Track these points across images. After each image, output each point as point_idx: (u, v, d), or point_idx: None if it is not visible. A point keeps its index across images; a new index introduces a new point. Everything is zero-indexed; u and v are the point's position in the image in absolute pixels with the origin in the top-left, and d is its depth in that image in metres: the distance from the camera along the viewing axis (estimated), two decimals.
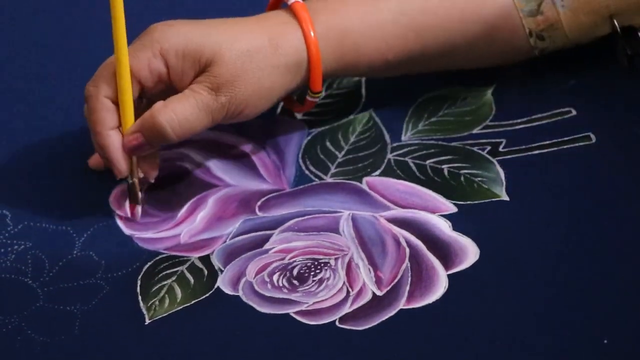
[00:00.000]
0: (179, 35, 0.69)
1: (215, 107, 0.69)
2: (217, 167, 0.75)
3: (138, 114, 0.71)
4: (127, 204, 0.71)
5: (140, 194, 0.71)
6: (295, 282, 0.67)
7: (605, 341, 0.61)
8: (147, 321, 0.66)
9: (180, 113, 0.69)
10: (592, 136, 0.72)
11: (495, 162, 0.72)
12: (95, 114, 0.69)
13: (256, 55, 0.69)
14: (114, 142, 0.69)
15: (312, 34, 0.70)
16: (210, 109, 0.69)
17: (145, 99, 0.72)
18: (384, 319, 0.64)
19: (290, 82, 0.70)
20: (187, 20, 0.71)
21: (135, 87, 0.70)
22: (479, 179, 0.71)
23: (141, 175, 0.71)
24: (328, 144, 0.75)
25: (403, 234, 0.69)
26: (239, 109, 0.70)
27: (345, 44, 0.71)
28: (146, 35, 0.70)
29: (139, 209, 0.71)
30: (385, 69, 0.72)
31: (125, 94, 0.69)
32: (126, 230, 0.71)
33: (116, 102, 0.70)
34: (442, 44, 0.71)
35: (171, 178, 0.74)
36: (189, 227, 0.71)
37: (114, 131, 0.70)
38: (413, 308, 0.65)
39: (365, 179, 0.72)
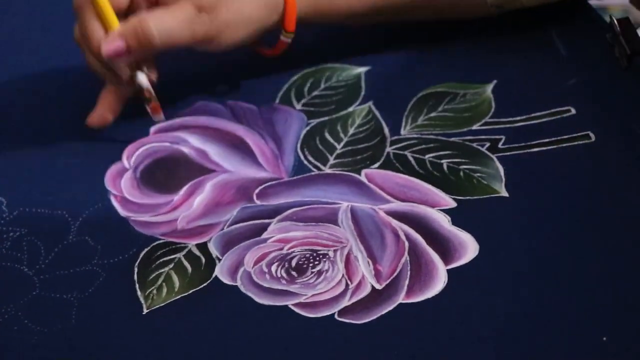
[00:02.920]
0: None
1: (197, 22, 0.73)
2: (214, 153, 0.74)
3: None
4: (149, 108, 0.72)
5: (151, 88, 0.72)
6: (293, 273, 0.67)
7: (605, 339, 0.62)
8: (145, 311, 0.65)
9: (166, 21, 0.72)
10: (592, 135, 0.72)
11: (495, 159, 0.72)
12: (88, 23, 0.72)
13: None
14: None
15: None
16: (192, 23, 0.73)
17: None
18: (383, 313, 0.64)
19: (267, 17, 0.74)
20: None
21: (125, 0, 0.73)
22: (478, 174, 0.72)
23: (145, 77, 0.72)
24: (327, 135, 0.75)
25: (402, 227, 0.69)
26: (218, 31, 0.73)
27: None
28: None
29: (158, 105, 0.72)
30: (353, 17, 0.76)
31: (104, 2, 0.71)
32: (122, 212, 0.70)
33: None
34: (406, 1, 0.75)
35: (167, 160, 0.73)
36: (186, 212, 0.71)
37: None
38: (412, 302, 0.65)
39: (364, 171, 0.72)
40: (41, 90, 0.78)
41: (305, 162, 0.73)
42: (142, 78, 0.73)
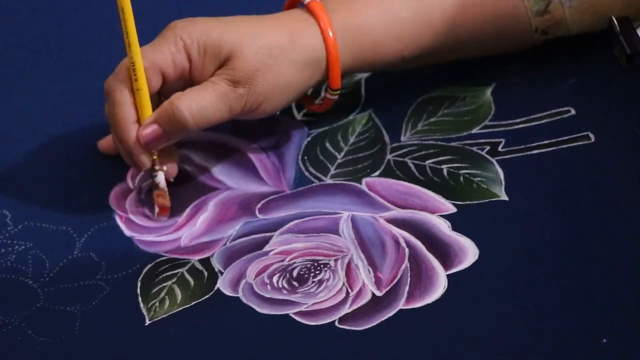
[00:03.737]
0: (200, 31, 0.71)
1: (233, 97, 0.70)
2: (217, 170, 0.75)
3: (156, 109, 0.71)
4: (156, 207, 0.71)
5: (166, 189, 0.71)
6: (295, 283, 0.67)
7: (605, 340, 0.62)
8: (147, 322, 0.66)
9: (199, 101, 0.70)
10: (591, 136, 0.72)
11: (495, 162, 0.72)
12: (118, 107, 0.70)
13: (275, 50, 0.70)
14: (135, 135, 0.70)
15: (329, 32, 0.71)
16: (228, 99, 0.70)
17: (163, 97, 0.72)
18: (383, 319, 0.64)
19: (309, 78, 0.71)
20: (206, 17, 0.72)
21: (157, 81, 0.71)
22: (478, 178, 0.72)
23: (163, 176, 0.71)
24: (327, 145, 0.75)
25: (402, 234, 0.69)
26: (257, 102, 0.71)
27: (362, 42, 0.72)
28: (168, 30, 0.71)
29: (157, 209, 0.71)
30: (401, 63, 0.74)
31: (142, 86, 0.70)
32: (127, 232, 0.71)
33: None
34: (456, 41, 0.73)
35: (171, 181, 0.74)
36: (190, 230, 0.71)
37: (136, 125, 0.71)
38: (412, 308, 0.65)
39: (364, 180, 0.72)
40: (49, 107, 0.79)
41: (307, 173, 0.74)
42: (161, 178, 0.71)
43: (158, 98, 0.72)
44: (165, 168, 0.72)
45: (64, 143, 0.77)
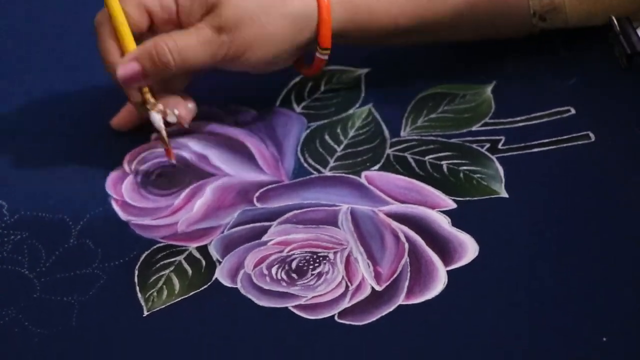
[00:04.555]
0: None
1: (215, 43, 0.70)
2: (215, 157, 0.74)
3: None
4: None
5: (166, 134, 0.71)
6: (294, 275, 0.67)
7: (605, 339, 0.62)
8: (145, 313, 0.65)
9: (181, 42, 0.70)
10: (591, 135, 0.72)
11: (495, 159, 0.72)
12: (103, 42, 0.71)
13: (264, 1, 0.70)
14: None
15: None
16: (210, 45, 0.70)
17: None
18: (383, 314, 0.64)
19: (297, 33, 0.71)
20: None
21: (144, 20, 0.71)
22: (478, 175, 0.72)
23: (175, 116, 0.71)
24: (327, 137, 0.75)
25: (402, 229, 0.69)
26: (240, 51, 0.71)
27: (357, 3, 0.71)
28: None
29: (169, 148, 0.70)
30: (395, 34, 0.73)
31: (121, 21, 0.70)
32: (123, 216, 0.71)
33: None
34: (452, 15, 0.72)
35: (168, 165, 0.73)
36: (187, 215, 0.71)
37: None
38: (412, 304, 0.65)
39: (364, 174, 0.72)
40: (43, 95, 0.78)
41: (306, 164, 0.74)
42: (156, 118, 0.71)
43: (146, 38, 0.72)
44: (176, 111, 0.71)
45: (59, 131, 0.76)
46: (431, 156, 0.73)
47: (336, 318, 0.65)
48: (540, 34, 0.76)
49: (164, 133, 0.71)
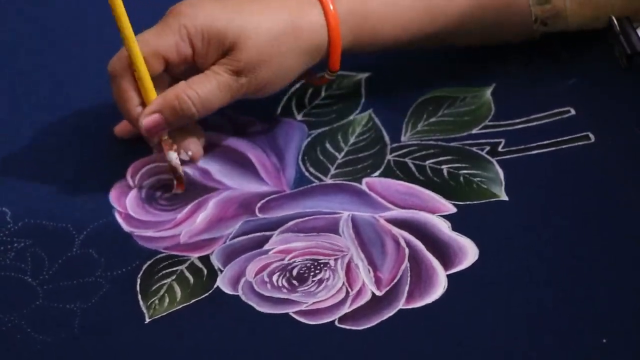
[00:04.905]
0: (205, 19, 0.71)
1: (235, 87, 0.71)
2: (217, 171, 0.75)
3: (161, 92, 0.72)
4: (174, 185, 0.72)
5: (181, 170, 0.72)
6: (294, 282, 0.67)
7: (605, 341, 0.62)
8: (147, 320, 0.66)
9: (201, 91, 0.71)
10: (591, 136, 0.72)
11: (495, 162, 0.72)
12: (122, 93, 0.72)
13: (278, 39, 0.71)
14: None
15: (331, 7, 0.71)
16: (230, 88, 0.71)
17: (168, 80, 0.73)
18: (383, 319, 0.64)
19: (309, 62, 0.72)
20: (209, 0, 0.72)
21: (160, 67, 0.71)
22: (478, 179, 0.72)
23: (188, 156, 0.72)
24: (328, 145, 0.75)
25: (402, 234, 0.69)
26: (258, 88, 0.72)
27: (363, 27, 0.73)
28: (171, 17, 0.72)
29: (182, 183, 0.72)
30: (395, 47, 0.74)
31: (143, 75, 0.71)
32: (126, 227, 0.71)
33: None
34: (456, 27, 0.73)
35: (172, 182, 0.74)
36: (189, 227, 0.71)
37: (140, 107, 0.72)
38: (412, 308, 0.65)
39: (364, 180, 0.72)
40: (48, 105, 0.79)
41: (307, 173, 0.74)
42: (172, 156, 0.72)
43: (165, 78, 0.72)
44: (190, 152, 0.72)
45: (63, 141, 0.77)
46: (431, 161, 0.73)
47: (336, 323, 0.65)
48: (540, 37, 0.76)
49: (180, 171, 0.72)
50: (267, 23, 0.71)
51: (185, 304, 0.67)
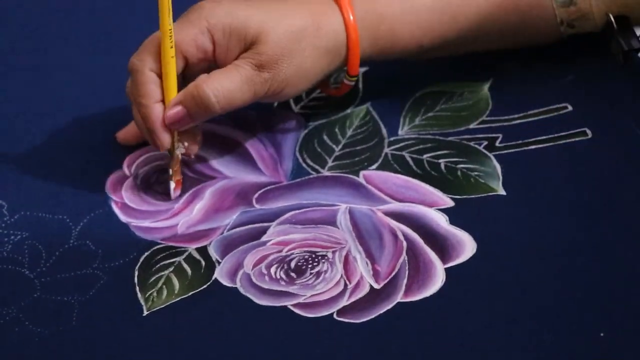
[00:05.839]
0: (226, 13, 0.71)
1: (258, 81, 0.70)
2: (214, 160, 0.75)
3: (180, 90, 0.71)
4: (171, 184, 0.71)
5: (180, 169, 0.72)
6: (292, 274, 0.67)
7: (602, 335, 0.62)
8: (145, 312, 0.66)
9: (224, 84, 0.70)
10: (588, 131, 0.72)
11: (492, 157, 0.72)
12: (140, 86, 0.70)
13: (299, 35, 0.71)
14: (158, 114, 0.70)
15: (351, 17, 0.71)
16: (253, 83, 0.70)
17: (186, 79, 0.72)
18: (381, 312, 0.65)
19: (329, 64, 0.72)
20: None
21: (180, 62, 0.71)
22: (476, 173, 0.72)
23: (184, 150, 0.72)
24: (325, 137, 0.75)
25: (400, 227, 0.69)
26: (280, 87, 0.71)
27: (381, 29, 0.72)
28: (194, 11, 0.71)
29: (173, 185, 0.71)
30: (418, 53, 0.74)
31: (169, 67, 0.70)
32: (123, 217, 0.71)
33: (161, 76, 0.71)
34: (476, 30, 0.73)
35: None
36: (186, 217, 0.71)
37: (159, 104, 0.71)
38: (410, 301, 0.65)
39: (362, 173, 0.73)
40: (44, 97, 0.79)
41: (304, 165, 0.74)
42: (179, 151, 0.72)
43: (180, 79, 0.72)
44: (185, 144, 0.72)
45: (59, 132, 0.76)
46: (429, 154, 0.73)
47: (335, 316, 0.65)
48: (540, 54, 0.76)
49: (179, 167, 0.72)
50: (288, 19, 0.71)
51: (183, 296, 0.67)
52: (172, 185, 0.72)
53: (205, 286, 0.67)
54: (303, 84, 0.72)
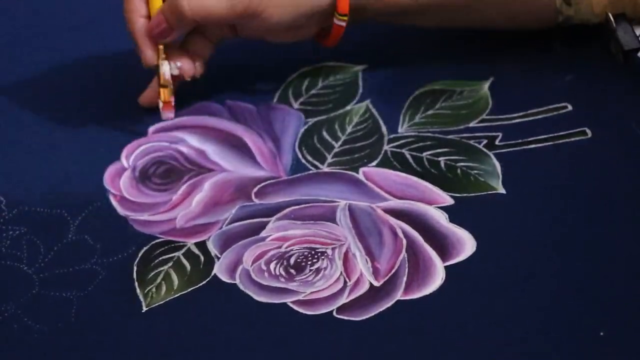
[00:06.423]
0: None
1: None
2: (213, 152, 0.74)
3: None
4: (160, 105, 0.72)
5: (171, 87, 0.72)
6: (292, 271, 0.67)
7: (602, 333, 0.62)
8: (144, 309, 0.66)
9: None
10: (588, 131, 0.73)
11: (492, 155, 0.72)
12: (127, 2, 0.72)
13: None
14: (141, 27, 0.72)
15: None
16: None
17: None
18: (381, 309, 0.65)
19: (314, 3, 0.71)
20: None
21: None
22: (476, 171, 0.72)
23: (177, 71, 0.73)
24: (325, 133, 0.75)
25: (400, 224, 0.69)
26: (260, 8, 0.71)
27: None
28: None
29: (161, 105, 0.72)
30: (414, 10, 0.73)
31: None
32: (121, 211, 0.71)
33: None
34: None
35: (166, 160, 0.73)
36: (185, 211, 0.71)
37: (144, 19, 0.73)
38: (410, 299, 0.65)
39: (361, 170, 0.73)
40: (41, 90, 0.79)
41: (304, 160, 0.74)
42: (165, 69, 0.72)
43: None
44: (179, 63, 0.72)
45: (56, 126, 0.76)
46: (429, 152, 0.73)
47: (334, 313, 0.65)
48: (539, 32, 0.76)
49: (170, 80, 0.72)
50: None
51: (182, 292, 0.66)
52: (160, 105, 0.72)
53: (204, 282, 0.67)
54: (285, 11, 0.71)
